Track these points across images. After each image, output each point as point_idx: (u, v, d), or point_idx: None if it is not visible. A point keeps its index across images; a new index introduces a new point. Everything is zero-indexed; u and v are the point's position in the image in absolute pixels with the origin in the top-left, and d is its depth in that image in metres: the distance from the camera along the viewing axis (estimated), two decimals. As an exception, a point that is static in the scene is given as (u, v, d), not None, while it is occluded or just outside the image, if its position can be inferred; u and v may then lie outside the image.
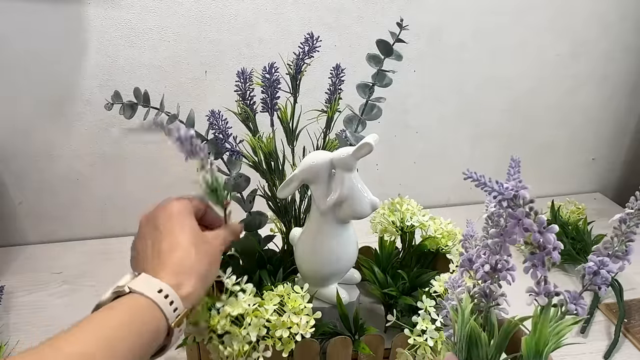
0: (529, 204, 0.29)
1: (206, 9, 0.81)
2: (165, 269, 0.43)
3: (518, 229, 0.29)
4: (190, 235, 0.46)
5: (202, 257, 0.45)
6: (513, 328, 0.32)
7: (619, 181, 1.20)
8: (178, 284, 0.42)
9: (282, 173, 0.62)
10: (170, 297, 0.41)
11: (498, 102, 1.02)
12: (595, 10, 0.95)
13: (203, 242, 0.47)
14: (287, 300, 0.51)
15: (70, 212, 0.93)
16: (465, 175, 0.30)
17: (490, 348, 0.32)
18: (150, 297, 0.40)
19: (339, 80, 0.60)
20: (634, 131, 1.13)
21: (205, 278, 0.45)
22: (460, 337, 0.33)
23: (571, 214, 0.92)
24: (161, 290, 0.40)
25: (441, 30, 0.91)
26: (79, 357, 0.34)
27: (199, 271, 0.44)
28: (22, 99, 0.82)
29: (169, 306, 0.40)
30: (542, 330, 0.30)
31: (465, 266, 0.36)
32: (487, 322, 0.33)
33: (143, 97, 0.56)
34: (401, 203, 0.70)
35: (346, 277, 0.61)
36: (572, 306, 0.31)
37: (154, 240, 0.46)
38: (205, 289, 0.46)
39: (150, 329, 0.39)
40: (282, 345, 0.50)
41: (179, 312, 0.41)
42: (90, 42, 0.79)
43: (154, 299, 0.40)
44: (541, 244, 0.29)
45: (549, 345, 0.30)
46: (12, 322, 0.73)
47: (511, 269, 0.32)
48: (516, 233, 0.29)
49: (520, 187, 0.29)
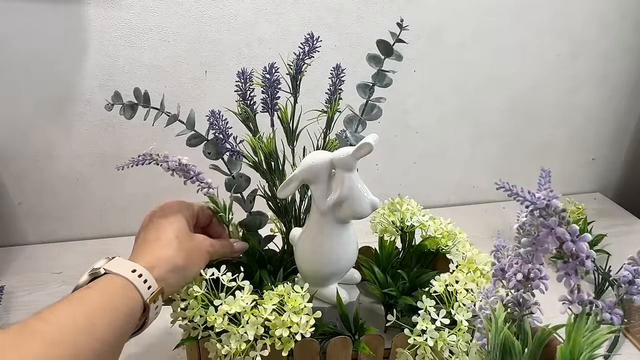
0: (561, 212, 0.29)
1: (206, 9, 0.81)
2: (144, 255, 0.47)
3: (550, 238, 0.29)
4: (176, 231, 0.50)
5: (183, 252, 0.49)
6: (547, 336, 0.32)
7: (619, 181, 1.20)
8: (152, 267, 0.46)
9: (282, 173, 0.62)
10: (144, 276, 0.44)
11: (498, 102, 1.02)
12: (595, 10, 0.95)
13: (188, 240, 0.51)
14: (287, 299, 0.51)
15: (70, 212, 0.93)
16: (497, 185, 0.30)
17: (525, 357, 0.32)
18: (124, 276, 0.43)
19: (339, 80, 0.60)
20: (634, 131, 1.13)
21: (180, 270, 0.49)
22: (494, 345, 0.32)
23: (571, 214, 0.92)
24: (135, 270, 0.44)
25: (441, 30, 0.91)
26: (64, 327, 0.37)
27: (176, 262, 0.48)
28: (22, 99, 0.82)
29: (143, 284, 0.44)
30: (576, 338, 0.30)
31: (497, 276, 0.36)
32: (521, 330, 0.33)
33: (143, 98, 0.56)
34: (401, 203, 0.70)
35: (346, 277, 0.61)
36: (607, 315, 0.31)
37: (147, 231, 0.51)
38: (181, 281, 0.50)
39: (127, 305, 0.42)
40: (282, 345, 0.50)
41: (153, 290, 0.45)
42: (90, 42, 0.79)
43: (128, 278, 0.43)
44: (574, 252, 0.29)
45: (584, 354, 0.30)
46: (12, 322, 0.73)
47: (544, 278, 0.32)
48: (548, 242, 0.29)
49: (552, 196, 0.29)
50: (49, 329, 0.36)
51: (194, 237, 0.52)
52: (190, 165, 0.55)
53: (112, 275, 0.43)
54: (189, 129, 0.57)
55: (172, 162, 0.54)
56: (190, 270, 0.50)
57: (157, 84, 0.84)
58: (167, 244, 0.49)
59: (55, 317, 0.37)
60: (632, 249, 0.62)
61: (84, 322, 0.38)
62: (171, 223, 0.51)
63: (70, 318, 0.38)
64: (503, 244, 0.38)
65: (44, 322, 0.37)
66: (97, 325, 0.38)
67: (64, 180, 0.90)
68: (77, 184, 0.90)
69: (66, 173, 0.89)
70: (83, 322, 0.38)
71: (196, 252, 0.51)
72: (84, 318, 0.38)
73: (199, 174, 0.56)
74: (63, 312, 0.38)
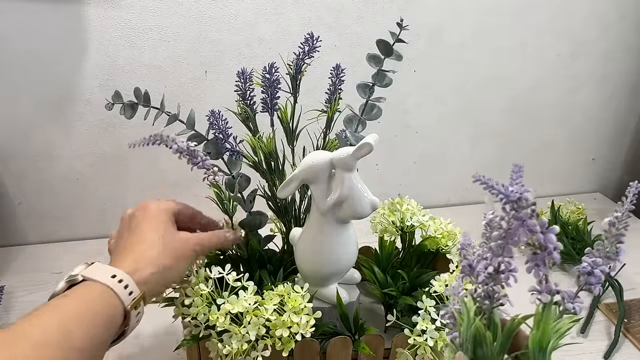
0: (532, 206, 0.30)
1: (206, 9, 0.81)
2: (126, 259, 0.45)
3: (522, 230, 0.30)
4: (160, 232, 0.48)
5: (168, 252, 0.47)
6: (516, 326, 0.33)
7: (619, 181, 1.20)
8: (134, 270, 0.43)
9: (282, 173, 0.62)
10: (124, 281, 0.42)
11: (498, 102, 1.02)
12: (595, 10, 0.95)
13: (173, 240, 0.49)
14: (287, 299, 0.51)
15: (70, 212, 0.93)
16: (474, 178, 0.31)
17: (495, 347, 0.33)
18: (103, 282, 0.41)
19: (339, 80, 0.60)
20: (634, 131, 1.13)
21: (166, 271, 0.46)
22: (466, 338, 0.33)
23: (571, 214, 0.92)
24: (115, 276, 0.42)
25: (441, 30, 0.91)
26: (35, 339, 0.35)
27: (160, 263, 0.46)
28: (22, 99, 0.82)
29: (124, 290, 0.41)
30: (545, 327, 0.31)
31: (465, 272, 0.36)
32: (491, 322, 0.34)
33: (143, 97, 0.56)
34: (401, 203, 0.70)
35: (346, 277, 0.61)
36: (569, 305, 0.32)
37: (126, 237, 0.49)
38: (166, 283, 0.48)
39: (106, 314, 0.40)
40: (282, 345, 0.50)
41: (134, 296, 0.42)
42: (90, 42, 0.79)
43: (107, 284, 0.41)
44: (543, 244, 0.30)
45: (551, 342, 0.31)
46: (12, 322, 0.72)
47: (513, 270, 0.33)
48: (520, 234, 0.30)
49: (524, 190, 0.30)
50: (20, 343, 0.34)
51: (178, 236, 0.50)
52: (198, 151, 0.55)
53: (90, 282, 0.41)
54: (189, 129, 0.57)
55: (180, 143, 0.53)
56: (175, 270, 0.48)
57: (157, 84, 0.84)
58: (151, 245, 0.47)
59: (30, 329, 0.35)
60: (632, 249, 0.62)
61: (58, 333, 0.36)
62: (155, 226, 0.49)
63: (45, 330, 0.35)
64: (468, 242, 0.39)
65: (14, 335, 0.34)
66: (73, 334, 0.36)
67: (64, 180, 0.90)
68: (77, 184, 0.90)
69: (66, 173, 0.89)
70: (57, 332, 0.35)
71: (181, 251, 0.49)
72: (57, 328, 0.36)
73: (206, 160, 0.55)
74: (38, 326, 0.36)
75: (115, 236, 0.52)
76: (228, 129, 0.58)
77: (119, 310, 0.41)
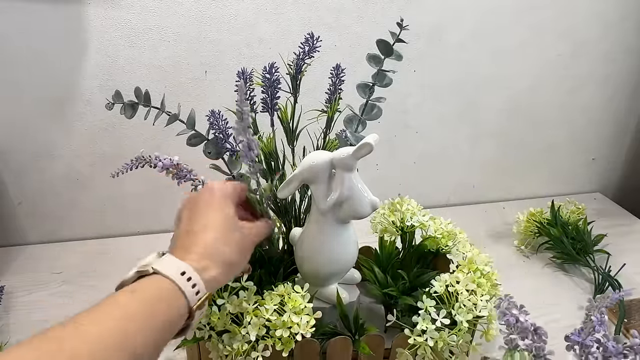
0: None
1: (206, 9, 0.81)
2: (194, 250, 0.42)
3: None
4: (225, 221, 0.45)
5: (233, 245, 0.45)
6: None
7: (619, 181, 1.20)
8: (203, 267, 0.42)
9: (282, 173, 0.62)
10: (193, 279, 0.40)
11: (498, 102, 1.02)
12: (595, 10, 0.95)
13: (237, 230, 0.46)
14: (287, 300, 0.51)
15: (70, 212, 0.93)
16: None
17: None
18: (173, 280, 0.40)
19: (339, 80, 0.60)
20: (634, 131, 1.13)
21: (232, 266, 0.45)
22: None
23: (571, 214, 0.92)
24: (184, 273, 0.40)
25: (441, 30, 0.91)
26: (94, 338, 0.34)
27: (227, 258, 0.44)
28: (22, 98, 0.82)
29: (192, 289, 0.40)
30: None
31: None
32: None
33: (144, 97, 0.56)
34: (401, 203, 0.70)
35: (346, 277, 0.61)
36: None
37: (190, 219, 0.46)
38: (230, 277, 0.46)
39: (170, 312, 0.39)
40: (282, 345, 0.50)
41: (200, 295, 0.41)
42: (90, 42, 0.79)
43: (177, 282, 0.39)
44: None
45: None
46: (12, 322, 0.73)
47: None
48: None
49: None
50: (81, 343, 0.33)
51: (241, 227, 0.47)
52: (182, 165, 0.55)
53: (160, 278, 0.40)
54: (189, 129, 0.57)
55: (165, 160, 0.53)
56: (239, 266, 0.47)
57: (157, 84, 0.84)
58: (217, 238, 0.44)
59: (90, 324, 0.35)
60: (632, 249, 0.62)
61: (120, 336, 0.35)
62: (219, 211, 0.46)
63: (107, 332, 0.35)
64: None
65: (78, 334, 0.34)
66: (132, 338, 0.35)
67: (64, 180, 0.90)
68: (77, 184, 0.90)
69: (66, 173, 0.89)
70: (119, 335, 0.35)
71: (245, 244, 0.47)
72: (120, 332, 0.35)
73: (191, 171, 0.56)
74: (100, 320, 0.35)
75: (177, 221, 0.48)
76: (228, 129, 0.58)
77: (183, 309, 0.40)
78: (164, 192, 0.94)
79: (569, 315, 0.75)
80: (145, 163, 0.54)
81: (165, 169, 0.54)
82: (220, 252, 0.44)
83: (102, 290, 0.38)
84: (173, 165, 0.54)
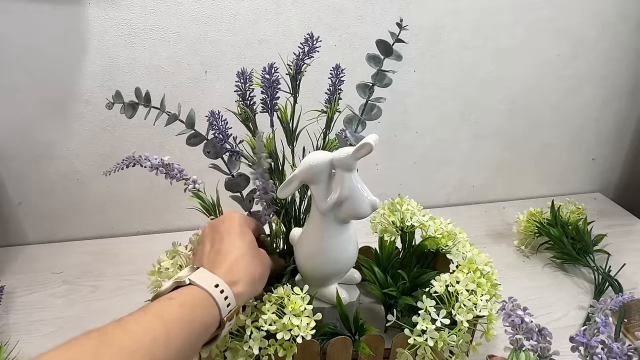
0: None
1: (206, 9, 0.81)
2: (222, 267, 0.46)
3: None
4: (248, 242, 0.49)
5: (257, 264, 0.49)
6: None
7: (619, 181, 1.20)
8: (232, 282, 0.45)
9: (282, 173, 0.62)
10: (225, 292, 0.43)
11: (498, 102, 1.02)
12: (595, 10, 0.95)
13: (258, 252, 0.50)
14: (287, 302, 0.51)
15: (70, 212, 0.93)
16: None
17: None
18: (207, 290, 0.43)
19: (339, 80, 0.60)
20: (634, 131, 1.13)
21: (255, 283, 0.48)
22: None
23: (571, 214, 0.92)
24: (217, 285, 0.43)
25: (441, 30, 0.91)
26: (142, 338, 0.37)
27: (251, 275, 0.47)
28: (23, 99, 0.82)
29: (224, 300, 0.43)
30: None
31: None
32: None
33: (144, 97, 0.56)
34: (401, 203, 0.70)
35: (346, 277, 0.61)
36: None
37: (214, 241, 0.49)
38: (253, 294, 0.49)
39: (205, 320, 0.42)
40: (285, 351, 0.50)
41: (231, 307, 0.44)
42: (90, 42, 0.79)
43: (211, 293, 0.43)
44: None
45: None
46: (12, 322, 0.73)
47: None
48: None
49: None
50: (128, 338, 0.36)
51: (261, 250, 0.52)
52: (173, 164, 0.55)
53: (196, 288, 0.43)
54: (189, 128, 0.57)
55: (154, 160, 0.53)
56: (261, 284, 0.50)
57: (157, 84, 0.84)
58: (242, 256, 0.48)
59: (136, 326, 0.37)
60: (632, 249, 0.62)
61: (162, 335, 0.38)
62: (242, 234, 0.50)
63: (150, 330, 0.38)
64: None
65: (124, 331, 0.37)
66: (174, 339, 0.38)
67: (64, 180, 0.90)
68: (77, 184, 0.90)
69: (66, 173, 0.89)
70: (161, 335, 0.38)
71: (265, 265, 0.51)
72: (162, 331, 0.38)
73: (182, 171, 0.56)
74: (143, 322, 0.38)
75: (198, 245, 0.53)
76: (228, 129, 0.58)
77: (215, 318, 0.43)
78: (164, 192, 0.94)
79: (569, 315, 0.76)
80: (136, 163, 0.54)
81: (155, 169, 0.54)
82: (246, 269, 0.47)
83: (102, 290, 0.38)
84: (163, 165, 0.54)
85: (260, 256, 0.50)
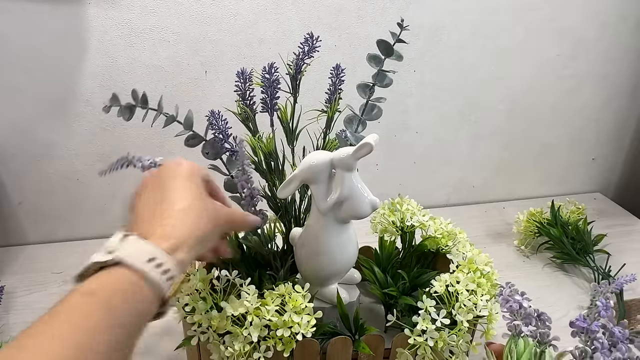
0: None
1: (206, 9, 0.81)
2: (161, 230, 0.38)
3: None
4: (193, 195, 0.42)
5: (203, 219, 0.41)
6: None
7: (619, 181, 1.20)
8: (173, 248, 0.37)
9: (282, 173, 0.62)
10: (164, 265, 0.36)
11: (498, 102, 1.02)
12: (595, 10, 0.95)
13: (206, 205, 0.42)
14: (288, 299, 0.51)
15: (70, 212, 0.93)
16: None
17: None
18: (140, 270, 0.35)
19: (339, 80, 0.60)
20: (634, 131, 1.13)
21: (203, 241, 0.41)
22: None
23: (571, 214, 0.92)
24: (153, 259, 0.36)
25: (441, 30, 0.91)
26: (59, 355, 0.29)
27: (196, 235, 0.40)
28: (23, 99, 0.82)
29: (162, 276, 0.36)
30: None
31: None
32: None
33: (141, 99, 0.56)
34: (401, 203, 0.70)
35: (346, 277, 0.61)
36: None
37: (154, 199, 0.42)
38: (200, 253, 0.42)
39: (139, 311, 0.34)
40: (283, 345, 0.50)
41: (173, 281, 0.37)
42: (90, 42, 0.79)
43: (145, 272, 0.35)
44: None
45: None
46: (12, 322, 0.73)
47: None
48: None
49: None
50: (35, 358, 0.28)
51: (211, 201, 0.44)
52: None
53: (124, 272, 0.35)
54: (187, 130, 0.57)
55: (145, 161, 0.53)
56: (210, 239, 0.42)
57: (157, 84, 0.84)
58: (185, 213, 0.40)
59: (37, 343, 0.29)
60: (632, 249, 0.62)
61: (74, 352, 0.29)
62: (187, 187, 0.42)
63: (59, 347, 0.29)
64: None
65: (23, 351, 0.28)
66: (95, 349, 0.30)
67: (64, 180, 0.90)
68: (77, 184, 0.90)
69: (66, 173, 0.89)
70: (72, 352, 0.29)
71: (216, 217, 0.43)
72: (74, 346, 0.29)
73: None
74: (46, 337, 0.29)
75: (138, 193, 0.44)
76: (228, 129, 0.58)
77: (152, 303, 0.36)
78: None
79: (569, 315, 0.75)
80: (129, 163, 0.54)
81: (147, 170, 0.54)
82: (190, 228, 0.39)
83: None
84: (156, 166, 0.54)
85: (209, 210, 0.42)
